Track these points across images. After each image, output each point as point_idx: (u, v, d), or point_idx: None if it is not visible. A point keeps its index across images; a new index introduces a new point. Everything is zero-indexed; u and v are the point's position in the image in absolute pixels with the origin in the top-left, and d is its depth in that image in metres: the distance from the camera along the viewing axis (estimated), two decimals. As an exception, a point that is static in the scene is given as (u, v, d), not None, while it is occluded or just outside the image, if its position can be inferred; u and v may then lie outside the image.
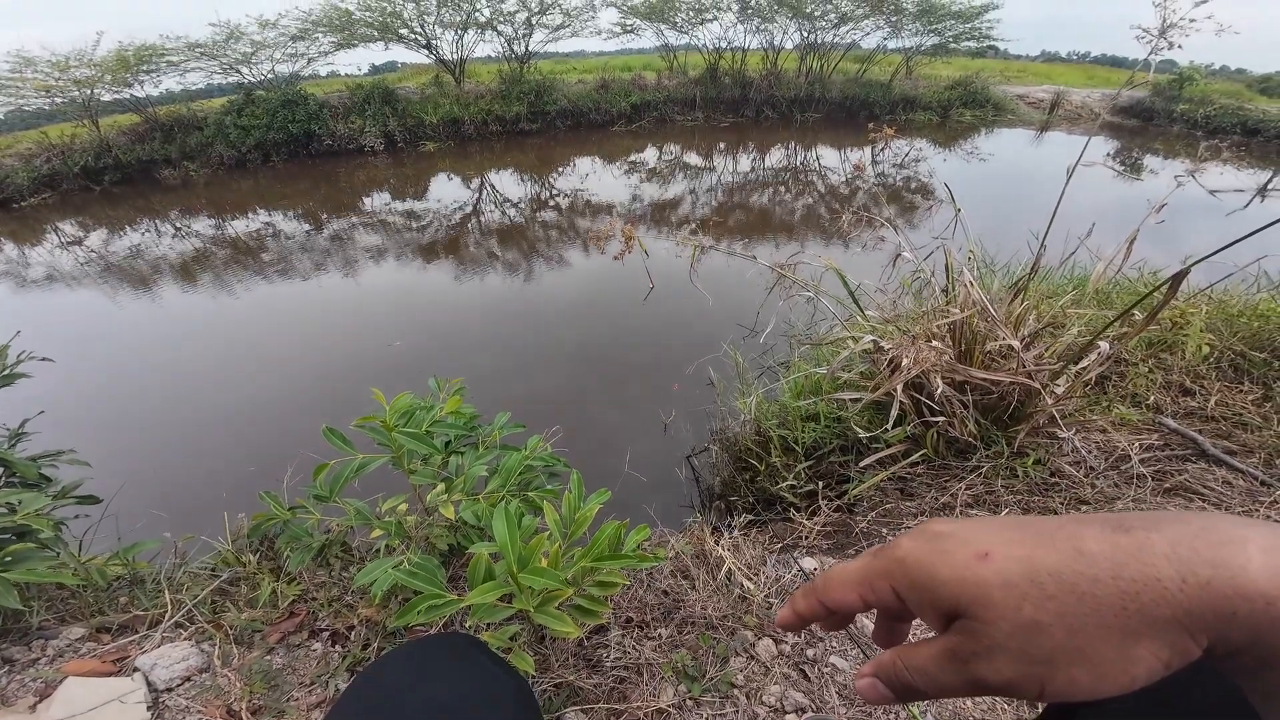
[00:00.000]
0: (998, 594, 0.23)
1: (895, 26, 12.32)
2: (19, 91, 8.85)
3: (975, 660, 0.24)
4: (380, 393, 1.15)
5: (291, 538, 1.24)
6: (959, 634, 0.25)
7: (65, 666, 1.14)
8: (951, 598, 0.25)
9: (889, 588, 0.29)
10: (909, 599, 0.28)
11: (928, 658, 0.26)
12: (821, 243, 5.48)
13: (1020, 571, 0.22)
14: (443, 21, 10.76)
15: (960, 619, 0.25)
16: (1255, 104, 11.36)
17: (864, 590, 0.30)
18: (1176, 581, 0.19)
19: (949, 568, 0.25)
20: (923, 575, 0.26)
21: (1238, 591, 0.19)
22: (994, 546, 0.24)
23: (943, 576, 0.25)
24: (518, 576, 0.80)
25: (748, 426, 2.20)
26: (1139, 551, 0.20)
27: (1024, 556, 0.23)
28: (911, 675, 0.26)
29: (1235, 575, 0.19)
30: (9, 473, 1.32)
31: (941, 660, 0.25)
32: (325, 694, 1.08)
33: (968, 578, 0.24)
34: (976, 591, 0.24)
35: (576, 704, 1.03)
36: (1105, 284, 2.35)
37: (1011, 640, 0.22)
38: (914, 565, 0.27)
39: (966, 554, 0.25)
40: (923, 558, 0.27)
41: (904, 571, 0.27)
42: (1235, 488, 1.52)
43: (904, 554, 0.28)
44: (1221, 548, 0.19)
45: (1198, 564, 0.19)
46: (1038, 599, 0.22)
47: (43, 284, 5.40)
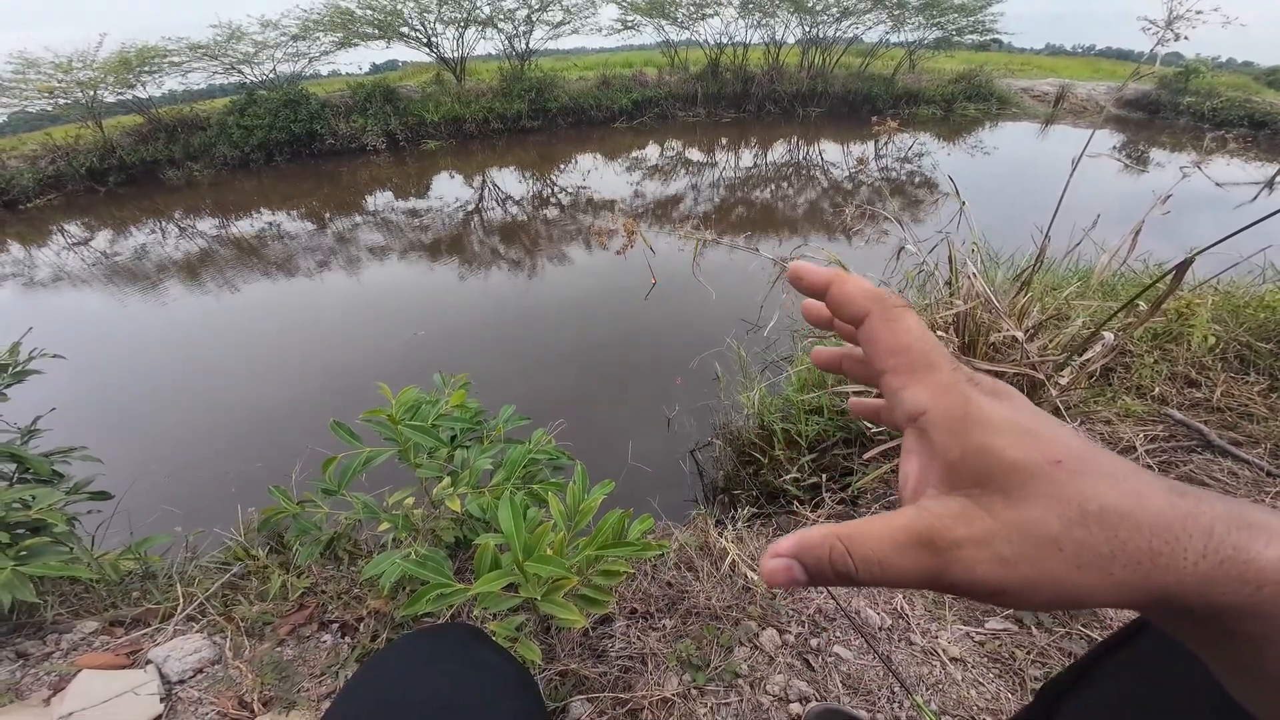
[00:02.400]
0: (1038, 499, 0.21)
1: (898, 20, 12.24)
2: (22, 93, 8.90)
3: (955, 551, 0.21)
4: (387, 387, 1.16)
5: (300, 531, 1.25)
6: (950, 517, 0.21)
7: (79, 660, 1.16)
8: (990, 475, 0.22)
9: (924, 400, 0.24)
10: (937, 430, 0.23)
11: (886, 544, 0.21)
12: (825, 237, 5.47)
13: (1078, 490, 0.21)
14: (443, 19, 10.75)
15: (963, 495, 0.22)
16: (1262, 96, 11.24)
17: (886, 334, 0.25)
18: (1198, 555, 0.19)
19: (1018, 449, 0.22)
20: (982, 435, 0.22)
21: (1238, 575, 0.19)
22: (1070, 457, 0.21)
23: (1006, 452, 0.22)
24: (523, 565, 0.81)
25: (751, 420, 2.20)
26: (1186, 518, 0.20)
27: (1091, 480, 0.21)
28: (853, 562, 0.21)
29: (1247, 560, 0.19)
30: (23, 469, 1.34)
31: (907, 547, 0.21)
32: (335, 685, 1.10)
33: (1027, 469, 0.21)
34: (1021, 485, 0.21)
35: (582, 693, 1.05)
36: (1110, 276, 2.33)
37: (1010, 545, 0.20)
38: (982, 418, 0.23)
39: (1043, 448, 0.22)
40: (997, 420, 0.22)
41: (965, 412, 0.23)
42: (1241, 478, 1.52)
43: (978, 398, 0.23)
44: (1252, 531, 0.19)
45: (1225, 545, 0.19)
46: (1071, 521, 0.20)
47: (51, 285, 5.44)
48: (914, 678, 1.10)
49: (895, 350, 0.25)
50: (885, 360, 0.25)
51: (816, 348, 0.32)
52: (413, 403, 1.17)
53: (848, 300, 0.27)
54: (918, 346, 0.25)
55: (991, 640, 1.18)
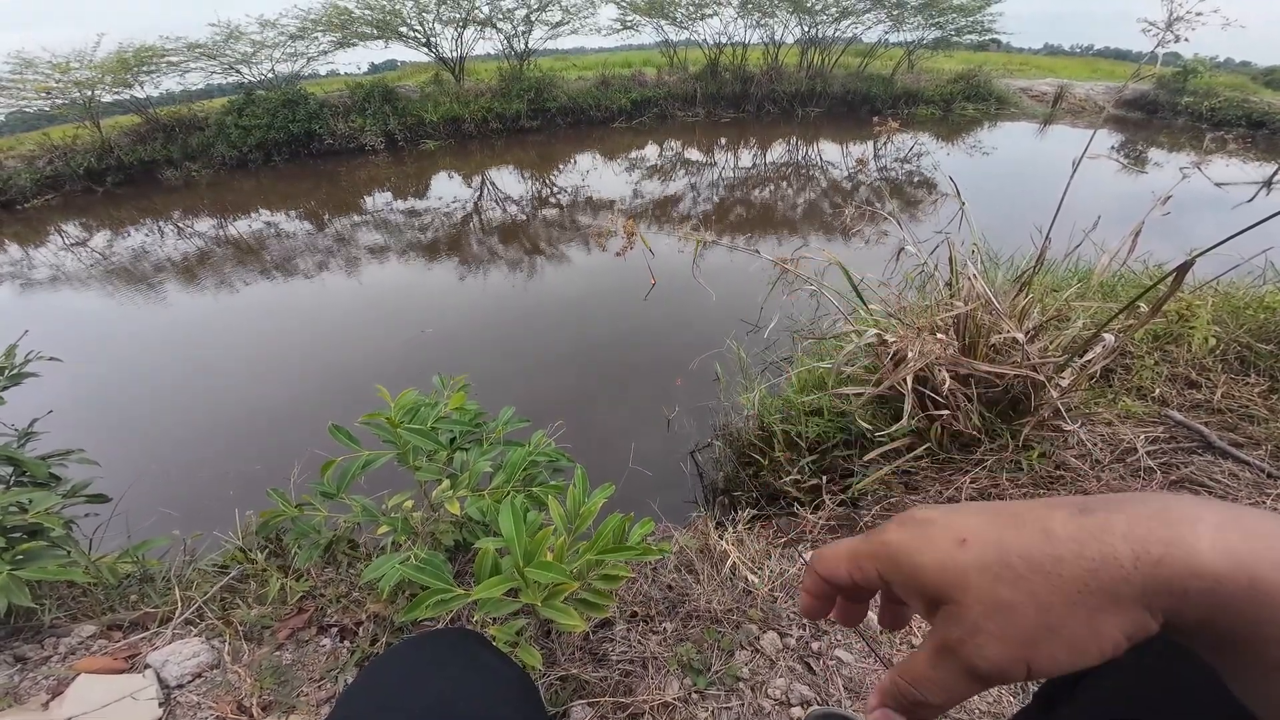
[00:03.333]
0: (974, 577, 0.24)
1: (897, 20, 12.23)
2: (20, 93, 8.87)
3: (962, 647, 0.24)
4: (385, 390, 1.16)
5: (299, 534, 1.25)
6: (943, 622, 0.25)
7: (77, 664, 1.15)
8: (934, 584, 0.26)
9: (875, 571, 0.29)
10: (895, 583, 0.28)
11: (923, 663, 0.26)
12: (824, 237, 5.46)
13: (994, 555, 0.24)
14: (442, 19, 10.74)
15: (943, 606, 0.26)
16: (1260, 96, 11.25)
17: (851, 567, 0.30)
18: (1131, 559, 0.20)
19: (931, 555, 0.26)
20: (907, 562, 0.27)
21: (1189, 570, 0.20)
22: (971, 532, 0.25)
23: (925, 563, 0.26)
24: (524, 570, 0.80)
25: (751, 422, 2.20)
26: (1099, 531, 0.21)
27: (996, 540, 0.24)
28: (915, 687, 0.26)
29: (1186, 554, 0.20)
30: (19, 472, 1.33)
31: (935, 659, 0.26)
32: (334, 689, 1.09)
33: (948, 564, 0.25)
34: (956, 577, 0.25)
35: (583, 697, 1.04)
36: (1110, 277, 2.33)
37: (989, 622, 0.23)
38: (899, 551, 0.28)
39: (947, 541, 0.26)
40: (907, 544, 0.27)
41: (889, 556, 0.28)
42: (1241, 480, 1.52)
43: (890, 539, 0.28)
44: (1174, 526, 0.20)
45: (1151, 542, 0.20)
46: (1010, 579, 0.23)
47: (49, 286, 5.43)
48: (915, 681, 1.09)
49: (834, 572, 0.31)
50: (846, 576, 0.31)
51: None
52: (412, 405, 1.16)
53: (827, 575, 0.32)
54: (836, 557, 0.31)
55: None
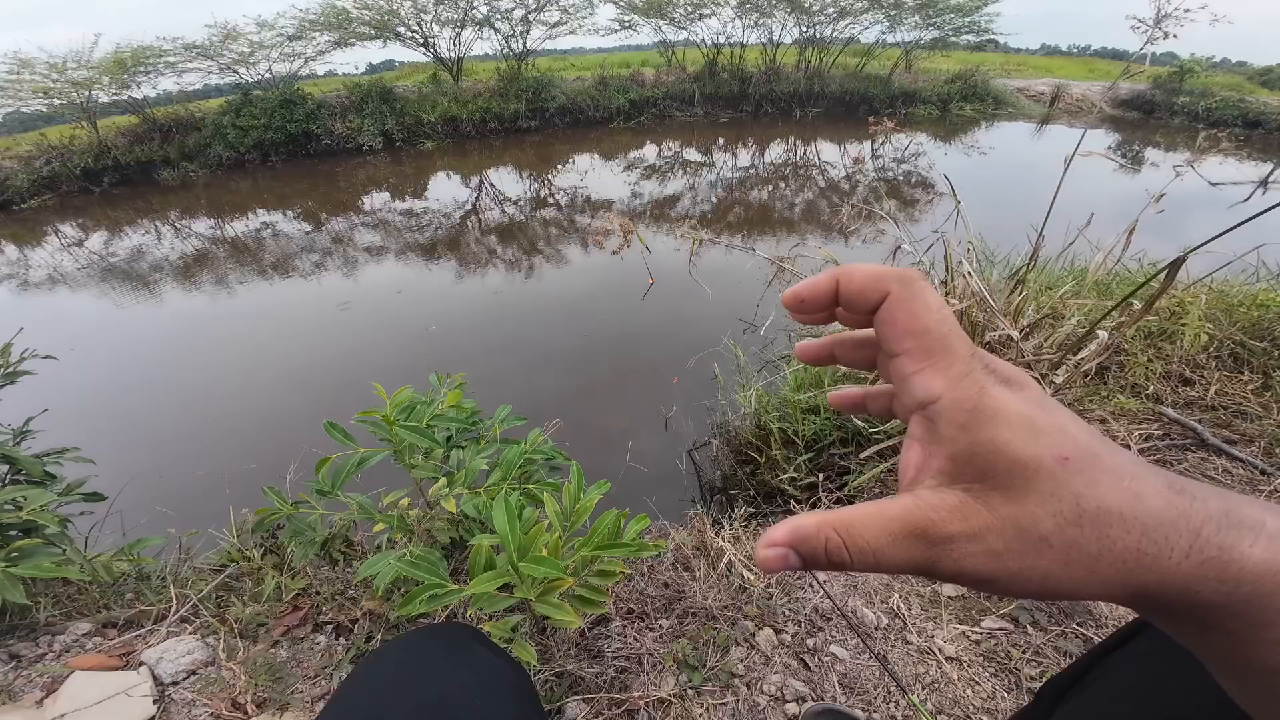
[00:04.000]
0: (1036, 498, 0.21)
1: (894, 20, 12.27)
2: (17, 94, 8.85)
3: (949, 544, 0.21)
4: (381, 388, 1.16)
5: (295, 532, 1.24)
6: (946, 510, 0.21)
7: (72, 661, 1.15)
8: (993, 470, 0.21)
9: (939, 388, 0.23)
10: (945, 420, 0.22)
11: (881, 534, 0.22)
12: (821, 236, 5.47)
13: (1075, 490, 0.20)
14: (440, 19, 10.74)
15: (962, 489, 0.22)
16: (1256, 96, 11.31)
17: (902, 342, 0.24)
18: (1183, 554, 0.19)
19: (1027, 446, 0.21)
20: (992, 429, 0.22)
21: (1219, 575, 0.19)
22: (1077, 454, 0.21)
23: (1013, 448, 0.21)
24: (518, 565, 0.81)
25: (748, 420, 2.20)
26: (1178, 517, 0.20)
27: (1091, 479, 0.21)
28: (848, 550, 0.22)
29: (1230, 560, 0.19)
30: (14, 470, 1.33)
31: (901, 538, 0.21)
32: (329, 686, 1.09)
33: (1032, 467, 0.21)
34: (1022, 484, 0.21)
35: (578, 693, 1.04)
36: (1104, 274, 2.34)
37: (1003, 541, 0.21)
38: (993, 411, 0.22)
39: (1052, 445, 0.21)
40: (1010, 413, 0.22)
41: (976, 404, 0.22)
42: (1235, 476, 1.53)
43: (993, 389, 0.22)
44: (1239, 530, 0.19)
45: (1210, 545, 0.19)
46: (1064, 520, 0.20)
47: (45, 285, 5.41)
48: (910, 677, 1.10)
49: (914, 332, 0.23)
50: (901, 342, 0.24)
51: (800, 343, 0.30)
52: (408, 403, 1.16)
53: (862, 287, 0.24)
54: (937, 329, 0.23)
55: (987, 639, 1.18)
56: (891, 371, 0.25)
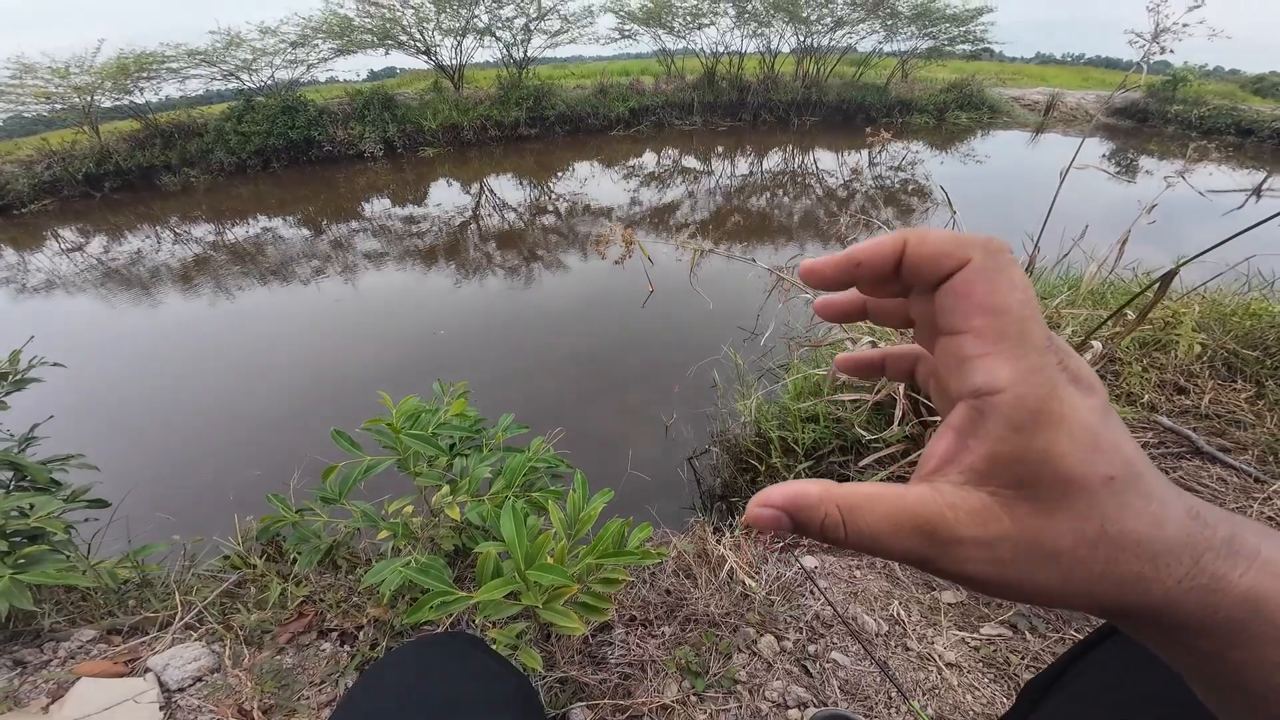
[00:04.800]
0: (1064, 515, 0.20)
1: (890, 30, 12.42)
2: (19, 98, 8.88)
3: (957, 547, 0.20)
4: (387, 396, 1.17)
5: (299, 539, 1.25)
6: (965, 512, 0.20)
7: (77, 668, 1.15)
8: (1032, 480, 0.20)
9: (1004, 376, 0.20)
10: (1003, 417, 0.20)
11: (886, 523, 0.20)
12: (820, 245, 5.51)
13: (1106, 511, 0.20)
14: (442, 28, 10.83)
15: (989, 493, 0.20)
16: (1249, 104, 11.44)
17: (962, 319, 0.21)
18: (1177, 580, 0.19)
19: (1085, 464, 0.20)
20: (1052, 436, 0.20)
21: (1202, 600, 0.19)
22: (1122, 475, 0.20)
23: (1067, 463, 0.20)
24: (525, 573, 0.82)
25: (748, 428, 2.22)
26: (1184, 547, 0.19)
27: (1125, 503, 0.20)
28: (847, 528, 0.21)
29: (1219, 588, 0.19)
30: (20, 476, 1.34)
31: (908, 532, 0.20)
32: (335, 692, 1.10)
33: (1078, 485, 0.20)
34: (1059, 500, 0.20)
35: (582, 700, 1.05)
36: (1099, 284, 2.37)
37: (1012, 550, 0.20)
38: (1059, 416, 0.20)
39: (1105, 465, 0.20)
40: (1074, 420, 0.20)
41: (1042, 405, 0.20)
42: (1229, 484, 1.54)
43: (1064, 392, 0.20)
44: (1234, 559, 0.19)
45: (1205, 574, 0.19)
46: (1080, 540, 0.19)
47: (46, 291, 5.42)
48: (911, 683, 1.11)
49: (991, 309, 0.21)
50: (970, 319, 0.21)
51: (842, 354, 0.29)
52: (413, 411, 1.18)
53: (939, 253, 0.22)
54: (1019, 310, 0.21)
55: (987, 645, 1.19)
56: (946, 350, 0.22)
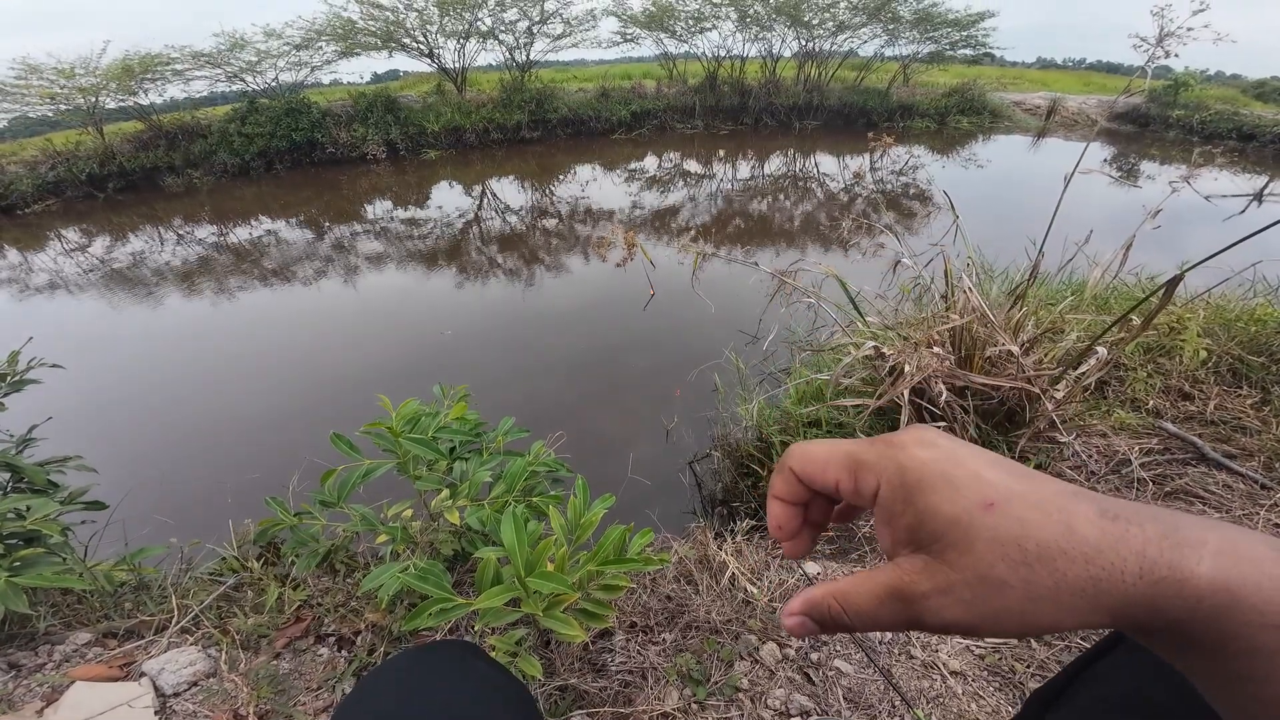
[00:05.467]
0: (981, 546, 0.23)
1: (892, 34, 12.44)
2: (24, 99, 8.92)
3: (924, 601, 0.24)
4: (387, 400, 1.17)
5: (297, 543, 1.24)
6: (915, 573, 0.24)
7: (72, 671, 1.14)
8: (938, 532, 0.24)
9: (874, 484, 0.27)
10: (889, 505, 0.26)
11: (869, 598, 0.25)
12: (822, 249, 5.51)
13: (1012, 532, 0.22)
14: (445, 31, 10.86)
15: (924, 554, 0.24)
16: (1250, 109, 11.44)
17: (845, 474, 0.28)
18: (1135, 575, 0.21)
19: (952, 504, 0.24)
20: (922, 497, 0.25)
21: (1179, 592, 0.20)
22: (999, 497, 0.23)
23: (940, 510, 0.24)
24: (525, 580, 0.81)
25: (750, 432, 2.21)
26: (1117, 542, 0.21)
27: (1020, 518, 0.23)
28: (847, 616, 0.26)
29: (1183, 578, 0.20)
30: (17, 478, 1.33)
31: (886, 600, 0.25)
32: (332, 698, 1.09)
33: (962, 522, 0.23)
34: (963, 537, 0.23)
35: (582, 708, 1.04)
36: (1103, 289, 2.36)
37: (968, 591, 0.23)
38: (916, 481, 0.25)
39: (973, 497, 0.24)
40: (929, 477, 0.25)
41: (902, 481, 0.26)
42: (1235, 491, 1.53)
43: (910, 463, 0.26)
44: (1180, 549, 0.21)
45: (1159, 565, 0.21)
46: (1015, 561, 0.22)
47: (48, 291, 5.42)
48: (915, 691, 1.10)
49: (826, 480, 0.29)
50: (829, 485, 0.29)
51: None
52: (413, 415, 1.17)
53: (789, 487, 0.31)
54: (830, 457, 0.29)
55: (992, 654, 1.18)
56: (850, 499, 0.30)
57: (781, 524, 0.32)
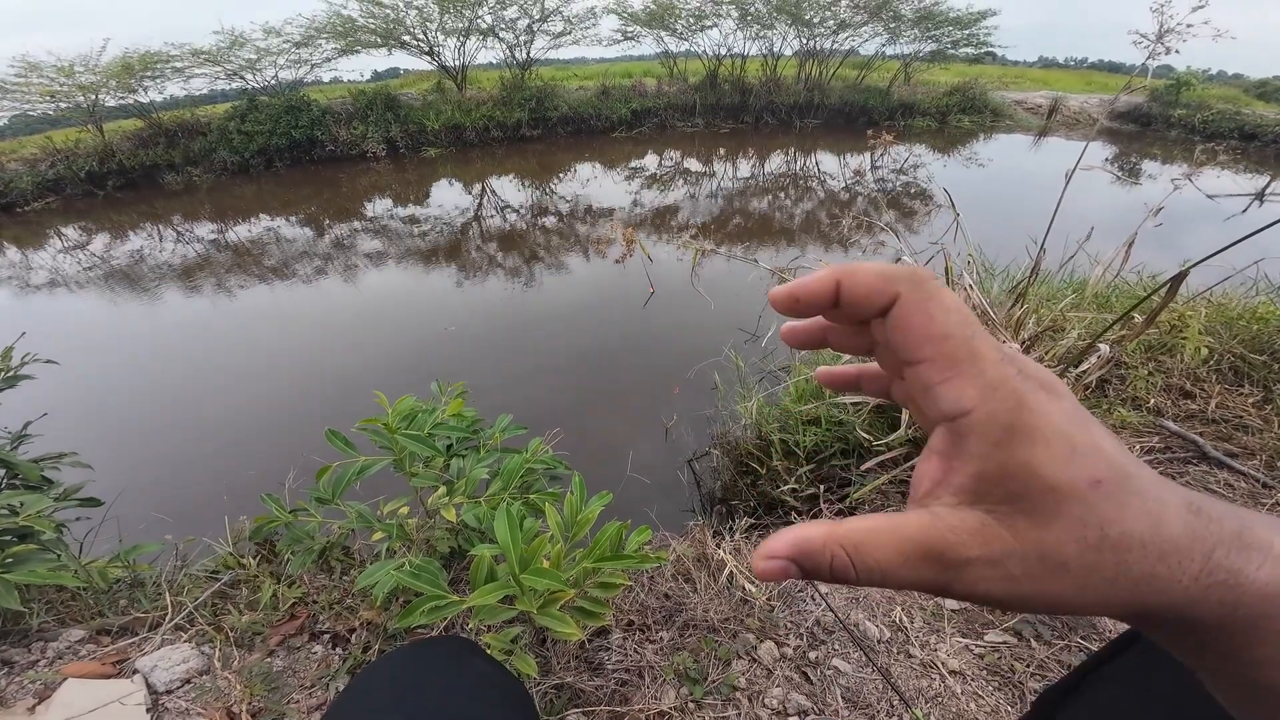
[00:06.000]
0: (1065, 523, 0.20)
1: (894, 33, 12.42)
2: (24, 97, 8.91)
3: (966, 568, 0.20)
4: (383, 396, 1.16)
5: (293, 540, 1.24)
6: (966, 533, 0.20)
7: (65, 668, 1.14)
8: (1023, 493, 0.20)
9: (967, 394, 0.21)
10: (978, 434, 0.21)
11: (893, 553, 0.21)
12: (822, 247, 5.50)
13: (1106, 516, 0.20)
14: (445, 28, 10.85)
15: (987, 511, 0.21)
16: (1252, 108, 11.43)
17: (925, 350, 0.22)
18: (1193, 577, 0.19)
19: (1062, 469, 0.20)
20: (1027, 448, 0.20)
21: (1222, 598, 0.19)
22: (1109, 477, 0.20)
23: (1046, 470, 0.20)
24: (520, 577, 0.80)
25: (749, 430, 2.20)
26: (1193, 541, 0.19)
27: (1120, 503, 0.20)
28: (856, 567, 0.21)
29: (1237, 584, 0.19)
30: (11, 474, 1.32)
31: (914, 558, 0.20)
32: (326, 696, 1.08)
33: (1065, 491, 0.20)
34: (1055, 509, 0.20)
35: (578, 706, 1.03)
36: (1104, 288, 2.35)
37: (1023, 565, 0.20)
38: (1030, 428, 0.20)
39: (1087, 468, 0.20)
40: (1047, 430, 0.20)
41: (1013, 420, 0.20)
42: (1237, 490, 1.52)
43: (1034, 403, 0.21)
44: (1248, 553, 0.19)
45: (1221, 568, 0.19)
46: (1086, 546, 0.20)
47: (46, 288, 5.42)
48: (913, 690, 1.09)
49: (933, 337, 0.22)
50: (920, 350, 0.22)
51: (822, 368, 0.29)
52: (409, 411, 1.16)
53: (868, 290, 0.23)
54: (960, 332, 0.22)
55: (991, 653, 1.17)
56: (911, 379, 0.23)
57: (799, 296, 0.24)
